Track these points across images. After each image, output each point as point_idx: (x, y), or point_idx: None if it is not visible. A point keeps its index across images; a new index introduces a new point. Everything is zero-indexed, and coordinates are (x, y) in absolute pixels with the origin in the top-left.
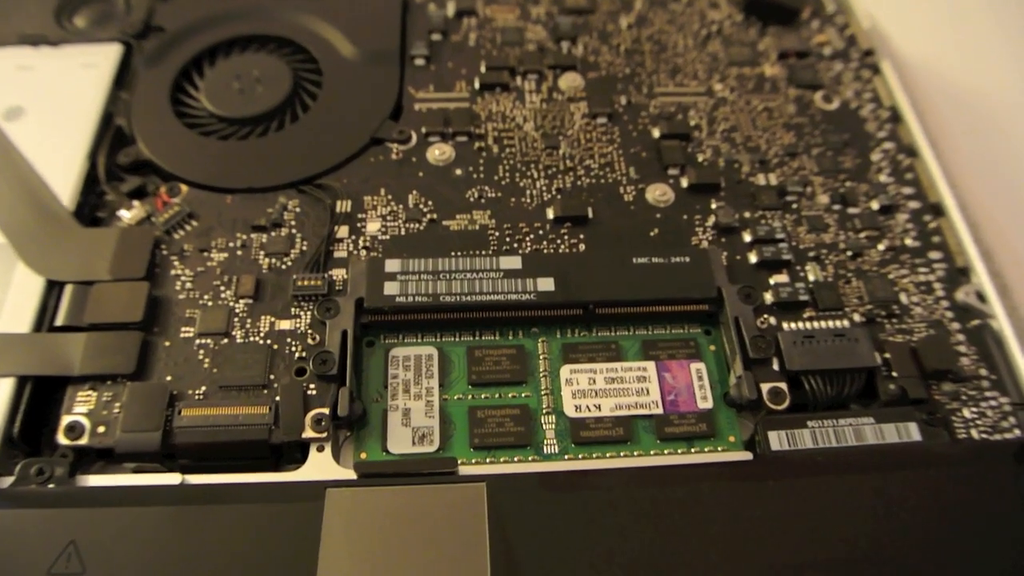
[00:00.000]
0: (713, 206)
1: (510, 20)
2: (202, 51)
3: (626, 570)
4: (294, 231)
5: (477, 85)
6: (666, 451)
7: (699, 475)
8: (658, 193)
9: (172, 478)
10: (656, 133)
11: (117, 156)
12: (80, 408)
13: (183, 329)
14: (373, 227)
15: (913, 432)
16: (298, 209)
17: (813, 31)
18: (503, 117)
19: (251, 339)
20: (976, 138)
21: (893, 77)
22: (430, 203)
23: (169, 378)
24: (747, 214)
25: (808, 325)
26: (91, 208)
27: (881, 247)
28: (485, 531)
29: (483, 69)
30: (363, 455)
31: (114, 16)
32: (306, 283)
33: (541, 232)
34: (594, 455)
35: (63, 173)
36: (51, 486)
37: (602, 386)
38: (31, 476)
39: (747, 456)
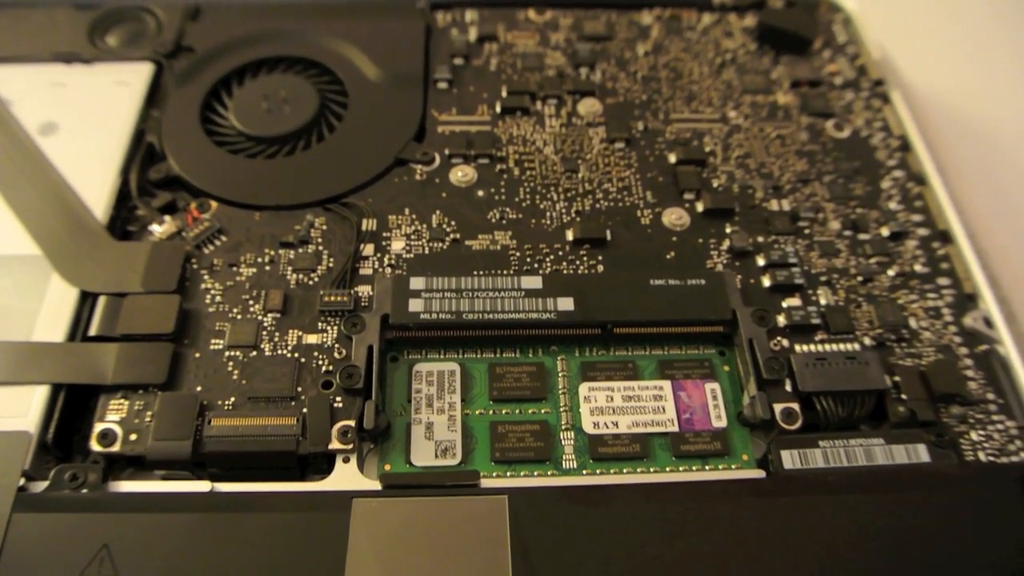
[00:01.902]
0: (728, 230)
1: (530, 46)
2: (231, 71)
3: None
4: (321, 248)
5: (498, 109)
6: (681, 468)
7: (713, 491)
8: (674, 217)
9: (202, 486)
10: (672, 158)
11: (148, 172)
12: (112, 416)
13: (213, 341)
14: (398, 245)
15: (922, 453)
16: (325, 227)
17: (825, 60)
18: (524, 140)
19: (279, 352)
20: (983, 167)
21: (903, 107)
22: (453, 223)
23: (199, 389)
24: (760, 238)
25: (820, 348)
26: (123, 222)
27: (891, 272)
28: (507, 542)
29: (504, 93)
30: (387, 467)
31: (145, 35)
32: (333, 299)
33: (561, 253)
34: (611, 471)
35: (96, 188)
36: (84, 491)
37: (619, 404)
38: (65, 482)
39: (760, 474)
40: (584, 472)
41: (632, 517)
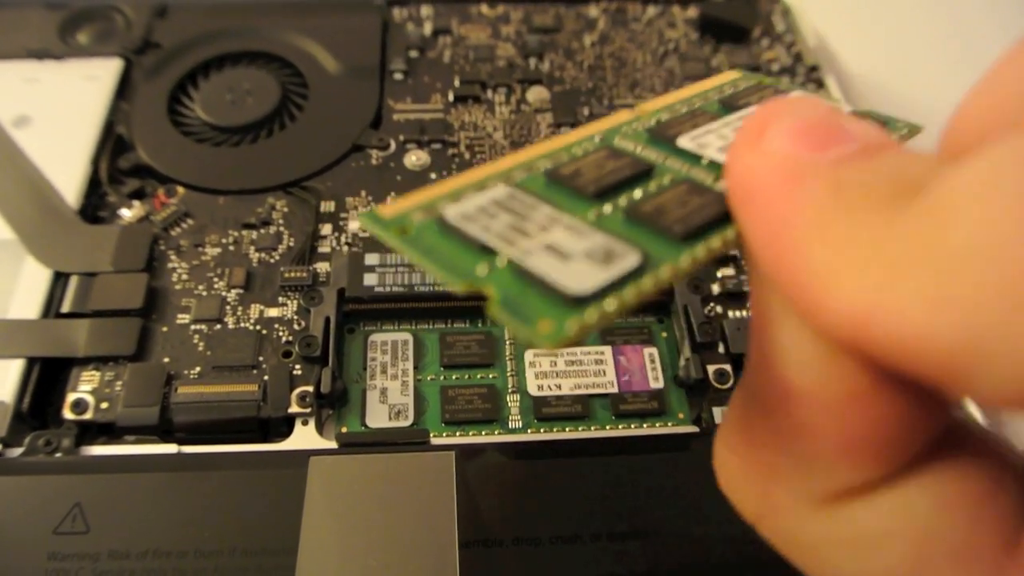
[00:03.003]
0: None
1: (482, 38)
2: (196, 66)
3: (582, 527)
4: (282, 228)
5: (451, 98)
6: (620, 426)
7: (649, 445)
8: None
9: (169, 448)
10: None
11: (118, 161)
12: (85, 386)
13: (179, 316)
14: (354, 225)
15: None
16: (285, 209)
17: (763, 48)
18: (475, 127)
19: (242, 325)
20: (914, 147)
21: (837, 90)
22: None
23: (167, 360)
24: None
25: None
26: (94, 208)
27: None
28: (453, 494)
29: (457, 83)
30: (344, 429)
31: (114, 33)
32: (293, 275)
33: None
34: (555, 429)
35: (68, 176)
36: (58, 455)
37: (562, 368)
38: (39, 447)
39: (694, 429)
40: (529, 431)
41: (573, 468)
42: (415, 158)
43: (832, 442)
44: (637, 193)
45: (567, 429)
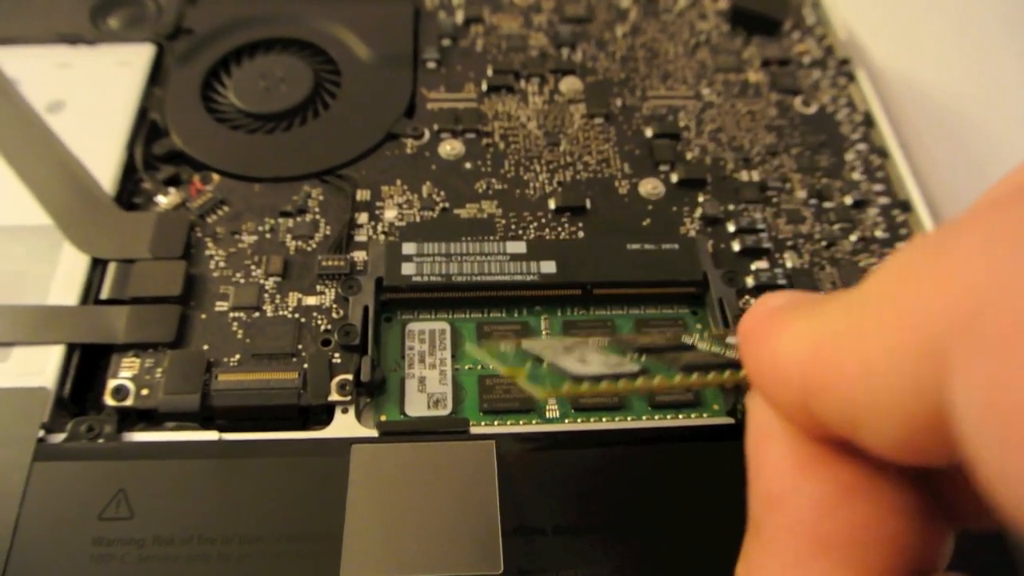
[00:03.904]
0: (700, 199)
1: (514, 28)
2: (229, 52)
3: (618, 514)
4: (318, 217)
5: (484, 87)
6: (656, 417)
7: (685, 436)
8: (650, 187)
9: (210, 435)
10: (648, 133)
11: (152, 147)
12: (125, 373)
13: (218, 303)
14: (390, 214)
15: None
16: (321, 197)
17: (794, 41)
18: (508, 116)
19: (280, 313)
20: (943, 139)
21: (867, 84)
22: (442, 193)
23: (206, 347)
24: (731, 206)
25: None
26: (129, 195)
27: (853, 238)
28: (495, 483)
29: (490, 72)
30: (383, 417)
31: (146, 18)
32: (330, 263)
33: (543, 221)
34: (591, 419)
35: (103, 162)
36: (100, 441)
37: None
38: (81, 433)
39: (730, 421)
40: (566, 421)
41: (610, 458)
42: (449, 147)
43: (804, 542)
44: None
45: (603, 419)
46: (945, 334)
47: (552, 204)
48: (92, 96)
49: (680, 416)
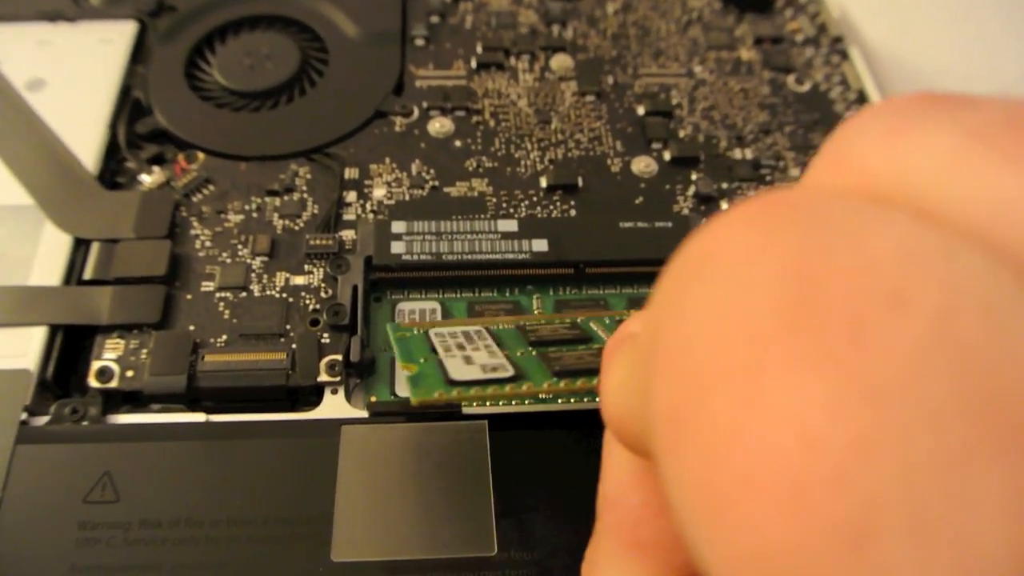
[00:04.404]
0: (693, 177)
1: (504, 4)
2: (213, 29)
3: None
4: (305, 195)
5: (474, 64)
6: None
7: None
8: (643, 165)
9: (197, 417)
10: (641, 110)
11: (136, 126)
12: (109, 355)
13: (203, 284)
14: (379, 192)
15: None
16: (309, 176)
17: (787, 19)
18: (498, 94)
19: (268, 293)
20: None
21: (860, 62)
22: (432, 171)
23: (192, 328)
24: (724, 185)
25: None
26: (112, 174)
27: None
28: (488, 463)
29: (479, 50)
30: (373, 398)
31: None
32: (318, 243)
33: (535, 199)
34: (584, 400)
35: (85, 141)
36: (85, 424)
37: None
38: (65, 415)
39: None
40: (559, 401)
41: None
42: (439, 125)
43: (624, 540)
44: (558, 348)
45: (596, 399)
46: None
47: (544, 182)
48: (73, 74)
49: None
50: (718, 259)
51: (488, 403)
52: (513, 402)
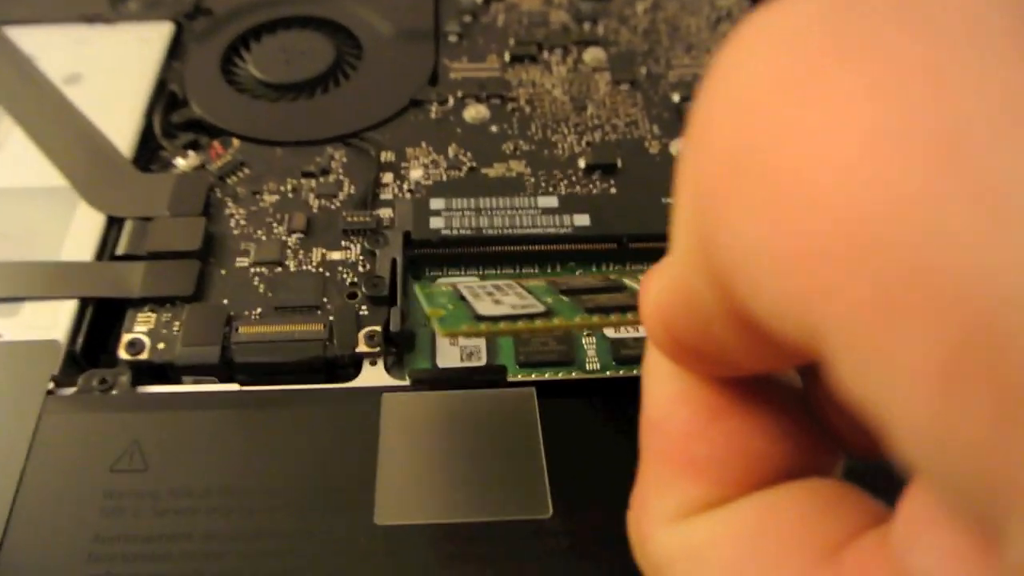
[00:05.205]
0: None
1: (535, 4)
2: (248, 30)
3: None
4: (342, 177)
5: (507, 58)
6: None
7: None
8: (681, 145)
9: (231, 387)
10: (676, 97)
11: (171, 116)
12: (141, 328)
13: (238, 259)
14: (416, 173)
15: None
16: (345, 159)
17: None
18: (533, 84)
19: (304, 268)
20: None
21: None
22: (469, 154)
23: (226, 301)
24: None
25: None
26: (147, 160)
27: None
28: (538, 427)
29: (512, 43)
30: (414, 368)
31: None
32: (356, 219)
33: (574, 179)
34: (635, 371)
35: (121, 129)
36: (114, 393)
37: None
38: (93, 386)
39: None
40: (608, 373)
41: None
42: (474, 112)
43: (675, 463)
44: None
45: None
46: None
47: (582, 163)
48: (110, 69)
49: None
50: (747, 46)
51: (534, 375)
52: (560, 374)
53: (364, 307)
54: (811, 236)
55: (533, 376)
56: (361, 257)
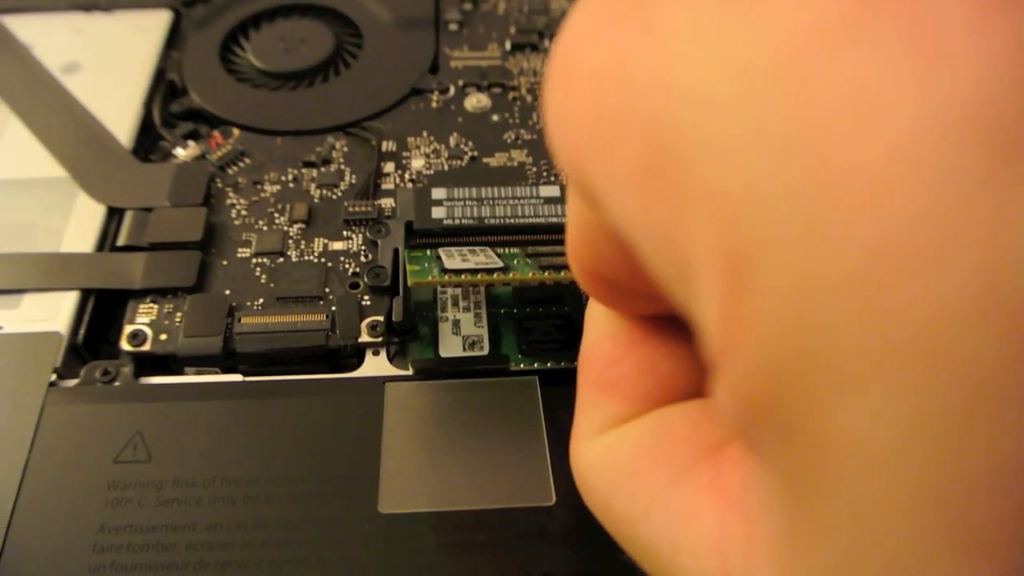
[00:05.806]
0: None
1: None
2: (247, 18)
3: None
4: (343, 166)
5: (508, 46)
6: None
7: None
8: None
9: (234, 378)
10: None
11: (170, 106)
12: (142, 319)
13: (240, 250)
14: (418, 163)
15: None
16: (346, 149)
17: None
18: (534, 73)
19: (306, 258)
20: None
21: None
22: (470, 143)
23: (228, 292)
24: None
25: None
26: (147, 150)
27: None
28: (541, 416)
29: (513, 32)
30: (416, 358)
31: None
32: (357, 209)
33: None
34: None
35: (119, 119)
36: (116, 384)
37: None
38: (96, 378)
39: None
40: None
41: None
42: (476, 100)
43: (598, 387)
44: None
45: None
46: None
47: None
48: (108, 58)
49: None
50: None
51: (536, 364)
52: (562, 362)
53: (366, 297)
54: (573, 108)
55: (536, 365)
56: (363, 247)
